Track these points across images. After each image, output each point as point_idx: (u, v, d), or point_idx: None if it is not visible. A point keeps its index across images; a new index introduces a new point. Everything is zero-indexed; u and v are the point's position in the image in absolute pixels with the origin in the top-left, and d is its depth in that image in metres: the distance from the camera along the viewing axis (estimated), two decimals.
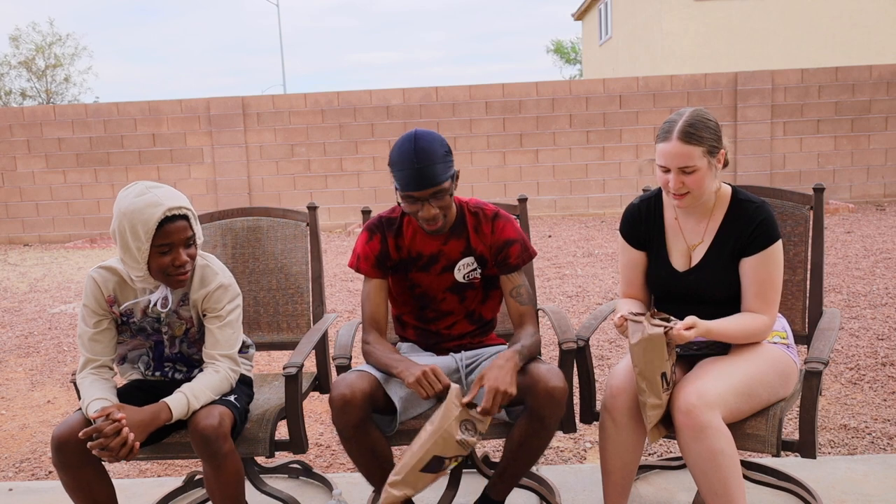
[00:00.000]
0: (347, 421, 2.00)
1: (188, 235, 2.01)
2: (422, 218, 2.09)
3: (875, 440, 2.96)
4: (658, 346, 1.92)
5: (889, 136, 10.58)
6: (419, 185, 2.02)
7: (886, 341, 4.21)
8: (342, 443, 2.05)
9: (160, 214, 1.94)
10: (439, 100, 10.51)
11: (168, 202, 1.96)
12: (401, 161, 2.03)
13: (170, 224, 1.97)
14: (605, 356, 4.17)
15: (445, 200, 2.08)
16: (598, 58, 24.26)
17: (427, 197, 2.05)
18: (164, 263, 1.99)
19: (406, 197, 2.06)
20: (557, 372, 2.03)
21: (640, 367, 1.95)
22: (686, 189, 2.06)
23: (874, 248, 7.11)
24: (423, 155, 2.01)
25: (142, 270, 2.01)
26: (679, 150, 2.01)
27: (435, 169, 2.02)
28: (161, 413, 1.96)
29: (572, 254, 7.60)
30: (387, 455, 2.09)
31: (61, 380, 4.28)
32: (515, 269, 2.23)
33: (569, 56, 39.07)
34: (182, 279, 2.04)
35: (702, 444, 1.88)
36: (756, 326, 2.06)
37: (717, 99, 10.46)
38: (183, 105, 10.55)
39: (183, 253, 2.01)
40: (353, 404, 1.99)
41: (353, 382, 2.01)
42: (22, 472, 3.06)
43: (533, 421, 2.02)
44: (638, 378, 1.96)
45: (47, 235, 10.88)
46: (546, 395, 1.98)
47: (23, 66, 30.66)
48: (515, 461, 2.10)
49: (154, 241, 1.96)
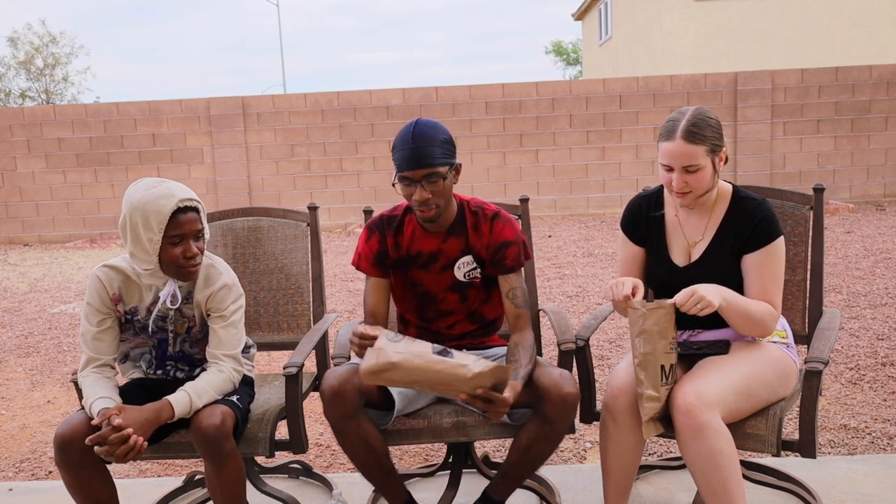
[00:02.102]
0: (337, 412, 1.99)
1: (199, 228, 2.04)
2: (414, 202, 2.09)
3: (875, 440, 2.96)
4: (663, 328, 1.91)
5: (889, 136, 10.58)
6: (413, 164, 2.04)
7: (886, 341, 4.21)
8: (335, 436, 2.05)
9: (173, 205, 1.97)
10: (439, 100, 10.52)
11: (180, 193, 2.00)
12: (399, 142, 2.08)
13: (182, 215, 2.00)
14: (605, 356, 4.17)
15: (439, 186, 2.08)
16: (598, 58, 24.26)
17: (420, 178, 2.06)
18: (176, 255, 2.01)
19: (401, 178, 2.09)
20: (570, 377, 2.03)
21: (640, 359, 1.94)
22: (689, 188, 2.06)
23: (874, 248, 7.11)
24: (421, 137, 2.05)
25: (152, 263, 2.02)
26: (683, 149, 2.02)
27: (431, 151, 2.04)
28: (163, 411, 1.96)
29: (572, 254, 7.60)
30: (381, 448, 2.08)
31: (61, 380, 4.28)
32: (511, 270, 2.21)
33: (569, 57, 39.07)
34: (193, 271, 2.05)
35: (701, 443, 1.88)
36: (767, 313, 2.04)
37: (717, 99, 10.46)
38: (183, 105, 10.55)
39: (193, 245, 2.03)
40: (343, 396, 1.98)
41: (342, 374, 2.01)
42: (22, 472, 3.06)
43: (544, 425, 2.02)
44: (637, 369, 1.96)
45: (47, 235, 10.88)
46: (560, 401, 1.98)
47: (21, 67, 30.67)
48: (521, 464, 2.10)
49: (166, 232, 1.99)
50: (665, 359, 1.95)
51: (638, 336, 1.95)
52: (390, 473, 2.14)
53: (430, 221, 2.15)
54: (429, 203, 2.09)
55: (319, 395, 2.03)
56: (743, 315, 2.01)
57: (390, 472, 2.14)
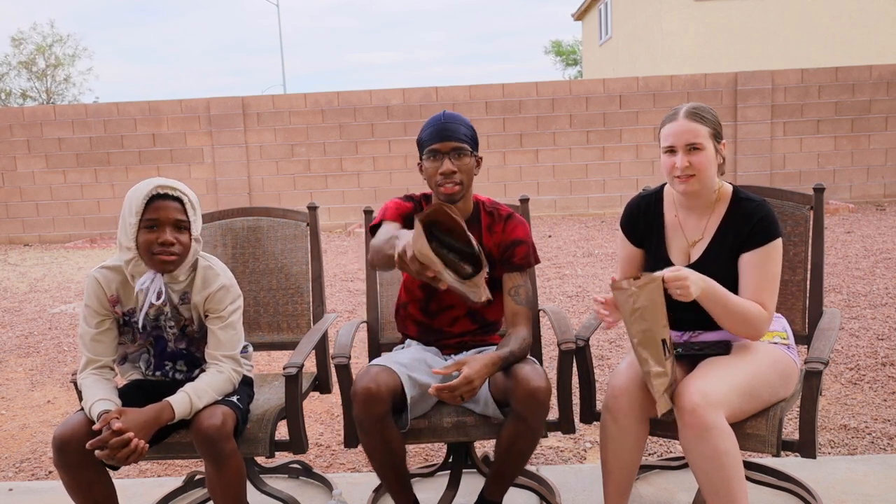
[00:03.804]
0: (370, 414, 1.99)
1: (178, 218, 2.04)
2: (440, 175, 2.15)
3: (875, 440, 2.96)
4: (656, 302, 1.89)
5: (889, 136, 10.58)
6: (442, 136, 2.15)
7: (886, 341, 4.21)
8: (360, 436, 2.05)
9: (151, 189, 2.01)
10: (439, 100, 10.51)
11: (163, 182, 2.04)
12: (429, 123, 2.19)
13: (160, 201, 2.02)
14: (605, 356, 4.17)
15: (465, 162, 2.17)
16: (598, 58, 24.26)
17: (448, 150, 2.15)
18: (150, 240, 2.02)
19: (429, 153, 2.16)
20: (540, 371, 2.02)
21: (639, 338, 1.92)
22: (692, 171, 2.06)
23: (874, 248, 7.11)
24: (451, 117, 2.19)
25: (132, 252, 2.03)
26: (686, 126, 2.05)
27: (459, 128, 2.17)
28: (164, 412, 1.96)
29: (572, 254, 7.60)
30: (401, 452, 2.09)
31: (61, 380, 4.28)
32: (518, 268, 2.24)
33: (569, 57, 39.06)
34: (166, 259, 2.02)
35: (706, 443, 1.87)
36: (755, 314, 2.02)
37: (717, 99, 10.46)
38: (183, 105, 10.55)
39: (169, 232, 2.02)
40: (378, 398, 1.99)
41: (377, 375, 2.01)
42: (22, 472, 3.06)
43: (518, 422, 2.02)
44: (638, 349, 1.93)
45: (47, 235, 10.88)
46: (527, 396, 1.97)
47: (23, 67, 30.66)
48: (506, 463, 2.11)
49: (143, 216, 2.01)
50: (664, 332, 1.92)
51: (632, 315, 1.92)
52: (404, 477, 2.15)
53: (451, 199, 2.18)
54: (454, 176, 2.15)
55: (351, 395, 2.02)
56: (724, 310, 2.00)
57: (404, 476, 2.15)
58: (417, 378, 2.12)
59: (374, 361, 2.15)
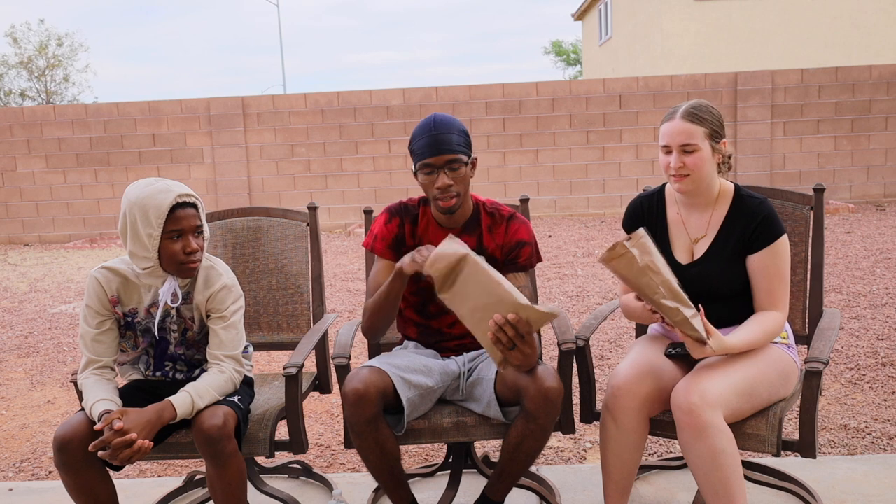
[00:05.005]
0: (360, 416, 1.99)
1: (197, 224, 2.05)
2: (436, 189, 2.11)
3: (875, 440, 2.96)
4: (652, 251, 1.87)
5: (889, 136, 10.58)
6: (435, 150, 2.08)
7: (886, 341, 4.21)
8: (353, 438, 2.05)
9: (172, 199, 1.99)
10: (439, 100, 10.51)
11: (178, 189, 2.02)
12: (420, 132, 2.11)
13: (180, 210, 2.01)
14: (605, 356, 4.17)
15: (461, 173, 2.11)
16: (598, 58, 24.26)
17: (443, 164, 2.09)
18: (175, 250, 2.02)
19: (423, 167, 2.11)
20: (552, 372, 2.02)
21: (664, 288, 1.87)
22: (686, 171, 2.07)
23: (874, 248, 7.11)
24: (441, 125, 2.10)
25: (151, 261, 2.02)
26: (681, 127, 2.06)
27: (451, 138, 2.09)
28: (165, 412, 1.96)
29: (572, 254, 7.60)
30: (395, 453, 2.09)
31: (61, 380, 4.28)
32: (522, 269, 2.24)
33: (569, 57, 39.07)
34: (193, 267, 2.05)
35: (703, 443, 1.88)
36: (772, 324, 2.08)
37: (717, 99, 10.46)
38: (183, 105, 10.55)
39: (193, 241, 2.03)
40: (367, 399, 1.98)
41: (366, 377, 2.01)
42: (22, 472, 3.06)
43: (528, 422, 2.02)
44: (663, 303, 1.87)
45: (47, 235, 10.88)
46: (541, 396, 1.97)
47: (22, 66, 30.65)
48: (512, 462, 2.10)
49: (165, 227, 2.00)
50: (673, 276, 1.90)
51: (643, 274, 1.86)
52: (400, 478, 2.15)
53: (449, 212, 2.16)
54: (451, 190, 2.11)
55: (341, 397, 2.02)
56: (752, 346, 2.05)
57: (400, 477, 2.15)
58: (414, 380, 2.11)
59: (366, 363, 2.15)
